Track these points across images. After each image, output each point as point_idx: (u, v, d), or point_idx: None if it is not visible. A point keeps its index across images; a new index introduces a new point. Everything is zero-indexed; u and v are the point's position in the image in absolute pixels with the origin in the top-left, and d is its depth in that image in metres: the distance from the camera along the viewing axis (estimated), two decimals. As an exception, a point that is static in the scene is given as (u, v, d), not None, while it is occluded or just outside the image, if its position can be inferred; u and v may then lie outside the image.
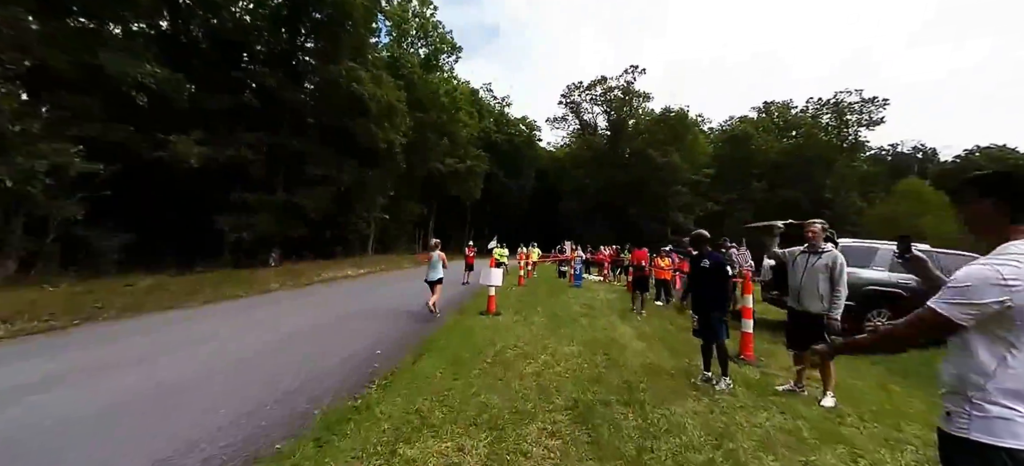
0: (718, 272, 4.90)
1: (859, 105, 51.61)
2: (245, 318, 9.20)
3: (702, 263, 5.02)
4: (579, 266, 15.61)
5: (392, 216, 32.37)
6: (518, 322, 8.48)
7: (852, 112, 52.55)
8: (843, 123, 53.47)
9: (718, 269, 4.91)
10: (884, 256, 8.34)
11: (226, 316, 9.41)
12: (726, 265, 4.94)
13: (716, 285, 4.91)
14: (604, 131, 56.36)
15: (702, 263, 5.02)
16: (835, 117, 54.08)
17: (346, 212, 23.70)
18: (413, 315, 9.61)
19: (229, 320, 8.99)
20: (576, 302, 11.53)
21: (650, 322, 8.98)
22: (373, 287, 15.64)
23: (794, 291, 4.92)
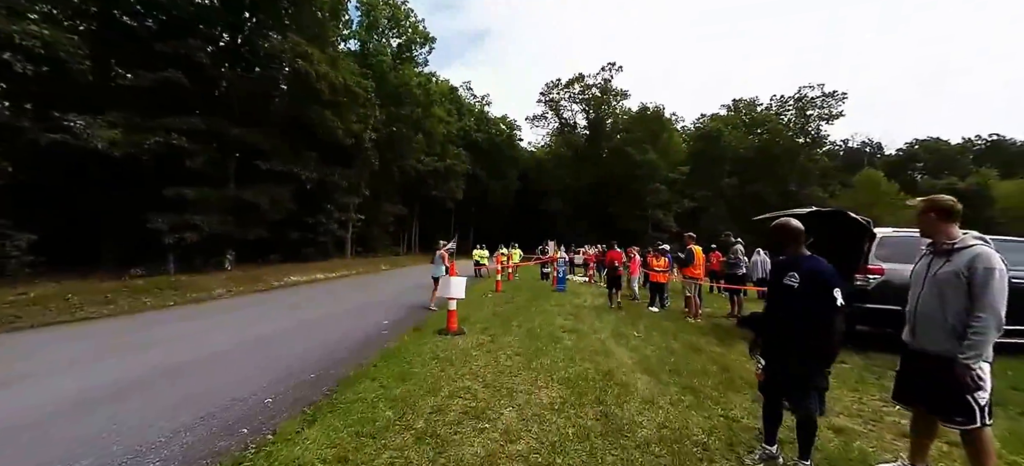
0: (821, 293, 2.62)
1: (821, 99, 50.99)
2: (131, 339, 6.70)
3: (788, 276, 2.74)
4: (562, 268, 13.35)
5: (370, 217, 29.71)
6: (483, 346, 6.15)
7: (813, 106, 52.06)
8: (805, 118, 52.90)
9: (820, 287, 2.62)
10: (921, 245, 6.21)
11: (104, 337, 6.93)
12: (831, 280, 2.63)
13: (814, 315, 2.63)
14: (584, 130, 54.51)
15: (788, 276, 2.74)
16: (797, 113, 53.63)
17: (314, 212, 21.00)
18: (355, 331, 7.36)
19: (105, 341, 6.57)
20: (559, 312, 9.26)
21: (651, 339, 6.74)
22: (335, 293, 13.18)
23: (908, 317, 2.76)
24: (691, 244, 8.58)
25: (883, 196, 51.15)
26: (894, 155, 73.80)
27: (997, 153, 66.53)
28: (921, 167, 70.21)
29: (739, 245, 8.79)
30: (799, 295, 2.64)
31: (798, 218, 5.83)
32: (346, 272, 21.14)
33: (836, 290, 2.55)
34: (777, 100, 55.62)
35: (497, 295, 12.29)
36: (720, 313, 9.61)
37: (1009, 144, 67.96)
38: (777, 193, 51.86)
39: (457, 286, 7.09)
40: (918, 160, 71.85)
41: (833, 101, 50.49)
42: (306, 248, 21.80)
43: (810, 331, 2.60)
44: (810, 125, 52.86)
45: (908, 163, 71.09)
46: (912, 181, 64.00)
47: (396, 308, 10.28)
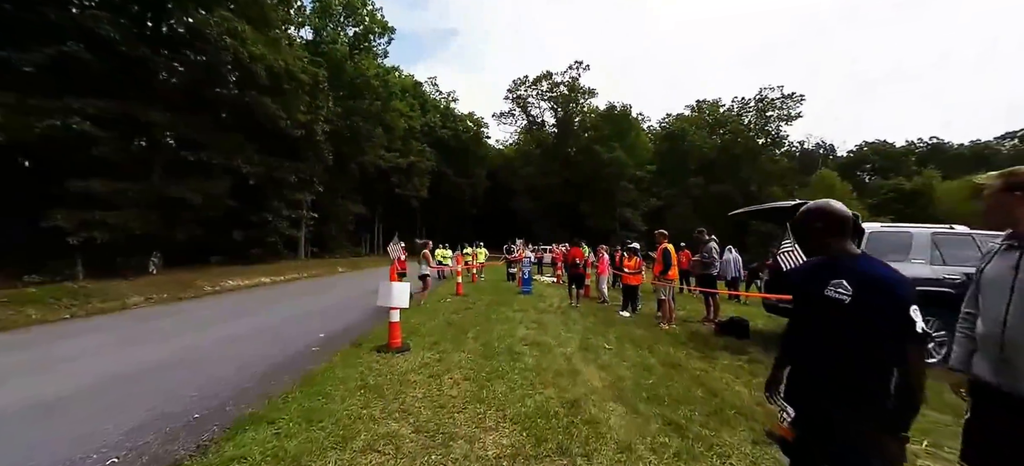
0: (887, 312, 1.67)
1: (780, 100, 52.57)
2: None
3: (832, 286, 1.73)
4: (528, 269, 12.43)
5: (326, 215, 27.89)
6: (428, 367, 5.11)
7: (773, 107, 53.65)
8: (766, 118, 54.46)
9: (886, 302, 1.67)
10: (923, 243, 5.68)
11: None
12: (903, 291, 1.70)
13: (876, 347, 1.70)
14: (552, 128, 54.00)
15: (832, 286, 1.73)
16: (758, 114, 55.17)
17: (260, 209, 19.21)
18: (279, 349, 6.15)
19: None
20: (523, 318, 8.30)
21: (623, 353, 5.89)
22: (276, 300, 11.72)
23: (990, 343, 1.91)
24: (664, 243, 7.83)
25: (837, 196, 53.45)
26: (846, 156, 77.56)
27: (937, 155, 70.95)
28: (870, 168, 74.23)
29: (713, 242, 8.13)
30: (851, 315, 1.71)
31: (784, 211, 5.07)
32: (296, 275, 19.50)
33: (913, 308, 1.66)
34: (739, 101, 57.08)
35: (457, 299, 11.24)
36: (695, 317, 8.93)
37: (948, 147, 72.79)
38: (740, 192, 53.12)
39: (399, 294, 5.99)
40: (867, 161, 75.99)
41: (792, 102, 52.14)
42: (252, 249, 19.95)
43: (871, 372, 1.71)
44: (770, 125, 54.40)
45: (859, 164, 74.99)
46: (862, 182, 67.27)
47: (340, 317, 9.07)
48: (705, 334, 7.27)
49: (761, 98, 53.67)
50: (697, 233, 8.45)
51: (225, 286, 14.46)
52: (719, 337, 7.00)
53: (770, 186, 55.11)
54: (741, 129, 55.77)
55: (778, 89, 52.27)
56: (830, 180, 55.54)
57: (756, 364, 5.41)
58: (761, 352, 6.01)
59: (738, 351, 6.02)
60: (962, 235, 5.71)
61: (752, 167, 55.01)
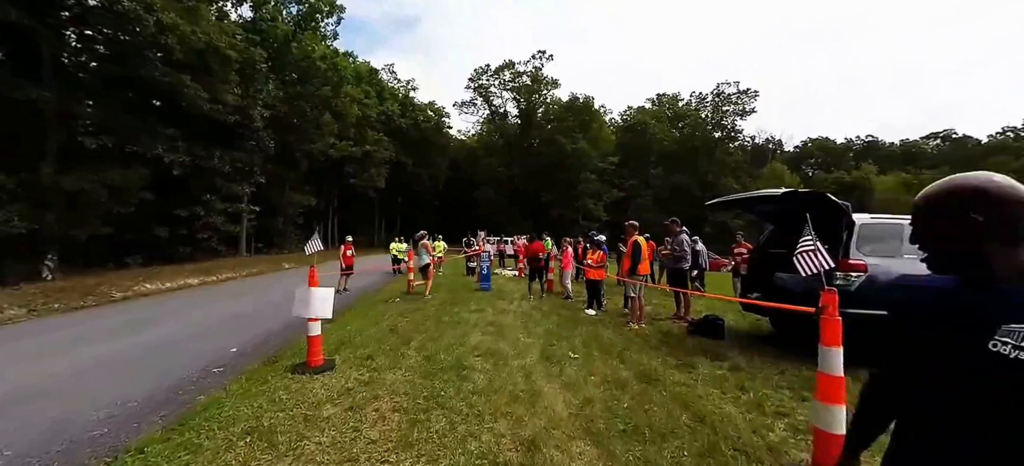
0: None
1: (736, 95, 54.12)
2: None
3: (1007, 337, 0.86)
4: (487, 264, 11.45)
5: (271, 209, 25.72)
6: (351, 394, 4.08)
7: (729, 102, 55.18)
8: (722, 113, 55.95)
9: None
10: None
11: None
12: None
13: None
14: (515, 118, 53.10)
15: (1007, 337, 0.86)
16: (714, 109, 56.62)
17: (186, 202, 17.13)
18: (173, 371, 4.89)
19: None
20: (479, 320, 7.35)
21: (591, 362, 5.05)
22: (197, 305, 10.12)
23: None
24: (634, 235, 7.09)
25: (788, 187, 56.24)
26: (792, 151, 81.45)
27: (872, 152, 75.73)
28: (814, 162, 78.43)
29: (684, 234, 7.48)
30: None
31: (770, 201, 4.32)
32: (233, 274, 17.58)
33: None
34: (696, 96, 58.37)
35: (408, 297, 10.12)
36: (663, 313, 8.29)
37: (882, 144, 77.96)
38: (698, 184, 54.59)
39: (320, 301, 4.87)
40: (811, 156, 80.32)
41: (747, 98, 53.71)
42: (181, 247, 17.82)
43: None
44: (726, 120, 55.90)
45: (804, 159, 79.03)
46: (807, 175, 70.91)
47: (265, 323, 7.78)
48: (677, 334, 6.59)
49: (718, 93, 55.00)
50: (669, 223, 7.77)
51: (140, 291, 12.60)
52: (692, 338, 6.33)
53: (725, 178, 57.01)
54: (700, 122, 57.15)
55: (734, 84, 53.69)
56: (780, 173, 58.33)
57: (739, 373, 4.73)
58: (740, 356, 5.36)
59: (716, 355, 5.34)
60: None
61: (709, 160, 56.53)
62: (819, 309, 2.65)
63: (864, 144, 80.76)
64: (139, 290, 12.69)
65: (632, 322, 7.02)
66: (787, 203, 5.18)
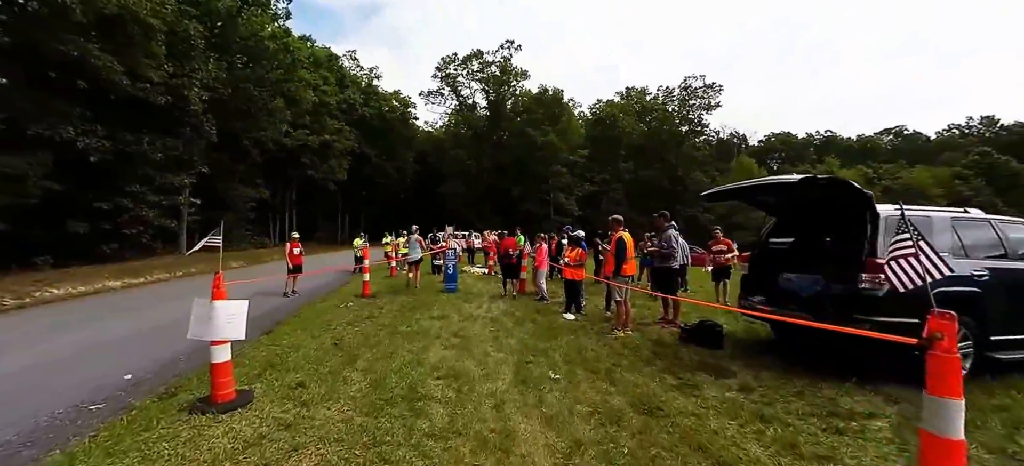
0: None
1: (702, 89, 54.93)
2: None
3: None
4: (452, 262, 10.43)
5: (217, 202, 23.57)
6: (264, 442, 3.06)
7: (696, 96, 56.00)
8: (689, 107, 56.73)
9: None
10: (943, 229, 4.59)
11: None
12: None
13: None
14: (484, 110, 51.82)
15: None
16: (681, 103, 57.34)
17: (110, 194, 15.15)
18: (24, 414, 3.61)
19: None
20: (442, 330, 6.38)
21: (576, 385, 4.19)
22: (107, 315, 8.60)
23: None
24: (619, 231, 6.29)
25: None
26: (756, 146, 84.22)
27: (832, 146, 79.22)
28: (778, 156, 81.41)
29: (673, 230, 6.76)
30: None
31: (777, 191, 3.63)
32: (166, 275, 15.75)
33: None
34: (663, 90, 58.92)
35: (362, 301, 9.00)
36: (649, 317, 7.57)
37: (841, 139, 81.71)
38: (668, 178, 55.27)
39: (227, 318, 3.76)
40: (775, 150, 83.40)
41: (712, 92, 54.59)
42: (106, 245, 15.77)
43: None
44: (693, 114, 56.69)
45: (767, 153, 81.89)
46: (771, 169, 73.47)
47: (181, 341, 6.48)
48: (669, 343, 5.85)
49: (685, 86, 55.64)
50: (656, 218, 7.02)
51: (43, 296, 10.84)
52: (686, 346, 5.61)
53: (693, 171, 57.99)
54: (667, 116, 57.76)
55: (700, 78, 54.43)
56: (749, 166, 59.91)
57: (752, 395, 3.99)
58: (745, 370, 4.66)
59: (719, 371, 4.61)
60: (980, 220, 4.71)
61: (677, 153, 57.27)
62: (926, 340, 1.84)
63: (824, 139, 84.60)
64: (42, 296, 10.91)
65: (618, 329, 6.23)
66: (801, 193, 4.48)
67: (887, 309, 4.05)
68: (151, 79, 13.58)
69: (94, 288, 12.47)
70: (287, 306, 9.04)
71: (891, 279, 2.38)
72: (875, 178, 58.36)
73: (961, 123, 73.41)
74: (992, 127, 68.56)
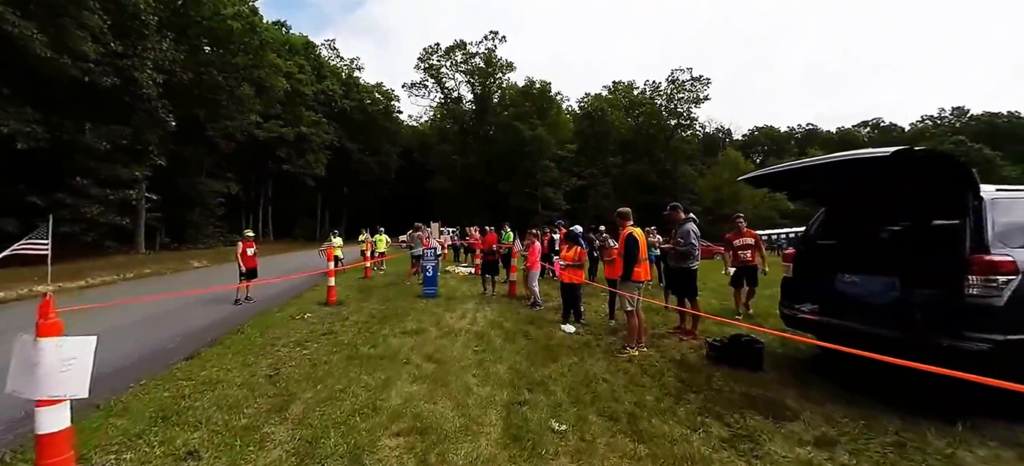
0: None
1: (690, 82, 54.27)
2: None
3: None
4: (433, 263, 9.12)
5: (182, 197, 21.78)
6: None
7: (684, 89, 55.33)
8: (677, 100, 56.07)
9: None
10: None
11: None
12: None
13: None
14: (470, 103, 50.32)
15: None
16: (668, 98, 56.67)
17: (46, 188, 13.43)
18: None
19: None
20: (413, 353, 5.12)
21: (591, 444, 2.97)
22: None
23: None
24: (628, 226, 5.11)
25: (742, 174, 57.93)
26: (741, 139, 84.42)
27: (812, 139, 79.75)
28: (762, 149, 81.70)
29: (691, 224, 5.62)
30: None
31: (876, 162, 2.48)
32: (113, 277, 14.13)
33: None
34: (650, 85, 58.20)
35: (325, 310, 7.68)
36: (660, 326, 6.41)
37: (821, 132, 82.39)
38: (656, 172, 54.70)
39: (60, 367, 2.45)
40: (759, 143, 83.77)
41: (700, 85, 53.97)
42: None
43: None
44: (681, 107, 56.05)
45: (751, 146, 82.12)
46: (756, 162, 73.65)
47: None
48: (695, 363, 4.70)
49: (672, 80, 54.93)
50: (670, 210, 5.85)
51: None
52: (716, 367, 4.46)
53: (681, 165, 57.52)
54: (655, 110, 57.08)
55: (688, 71, 53.74)
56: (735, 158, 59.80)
57: (832, 451, 2.84)
58: (805, 404, 3.54)
59: (776, 411, 3.46)
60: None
61: (666, 147, 56.68)
62: None
63: (805, 132, 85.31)
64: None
65: (630, 345, 5.05)
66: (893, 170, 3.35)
67: (1004, 322, 2.96)
68: (86, 54, 11.79)
69: (16, 294, 10.86)
70: (234, 317, 7.66)
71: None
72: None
73: (933, 114, 74.89)
74: (962, 117, 70.25)
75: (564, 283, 6.74)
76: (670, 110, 56.85)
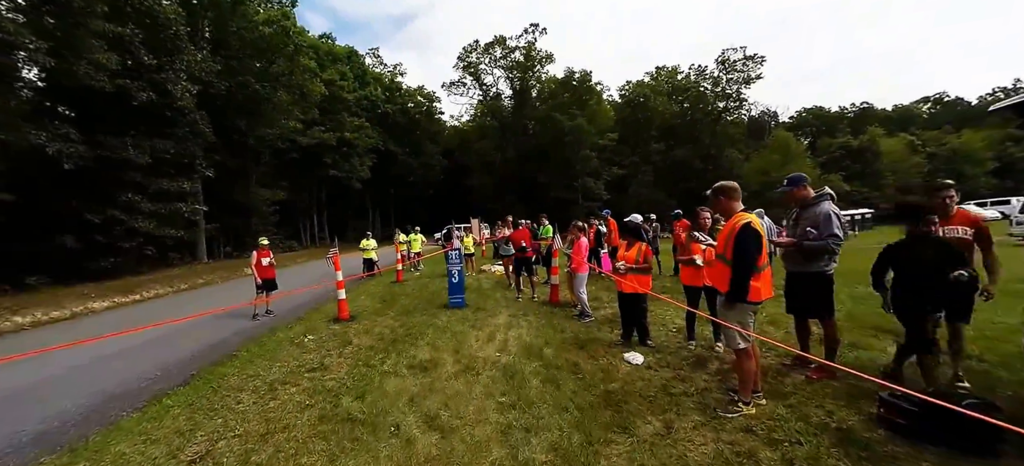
0: None
1: (742, 62, 49.21)
2: None
3: None
4: (458, 266, 7.41)
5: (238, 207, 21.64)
6: None
7: (734, 70, 50.33)
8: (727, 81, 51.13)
9: None
10: None
11: None
12: None
13: None
14: (508, 99, 48.49)
15: None
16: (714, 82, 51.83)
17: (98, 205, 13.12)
18: None
19: None
20: (412, 405, 3.42)
21: None
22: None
23: None
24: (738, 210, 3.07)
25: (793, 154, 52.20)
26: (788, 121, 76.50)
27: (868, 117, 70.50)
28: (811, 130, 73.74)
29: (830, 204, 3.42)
30: None
31: None
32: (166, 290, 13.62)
33: None
34: (695, 69, 53.56)
35: (330, 331, 6.18)
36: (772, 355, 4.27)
37: (877, 110, 72.86)
38: (700, 157, 50.58)
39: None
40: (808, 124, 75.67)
41: (753, 63, 48.86)
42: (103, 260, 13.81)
43: None
44: (730, 88, 51.15)
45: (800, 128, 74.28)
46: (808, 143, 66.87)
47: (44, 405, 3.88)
48: (859, 431, 2.65)
49: (723, 59, 50.13)
50: (796, 188, 3.70)
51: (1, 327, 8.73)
52: (901, 445, 2.40)
53: (727, 149, 52.71)
54: (700, 94, 52.60)
55: (740, 50, 48.75)
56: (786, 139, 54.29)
57: None
58: None
59: None
60: None
61: (711, 131, 52.19)
62: None
63: (859, 110, 75.85)
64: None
65: (743, 399, 3.06)
66: None
67: None
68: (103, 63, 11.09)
69: (71, 312, 10.39)
70: (240, 336, 6.39)
71: None
72: (920, 145, 51.63)
73: (1007, 85, 63.84)
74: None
75: (624, 294, 4.77)
76: (717, 93, 52.10)
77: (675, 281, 9.23)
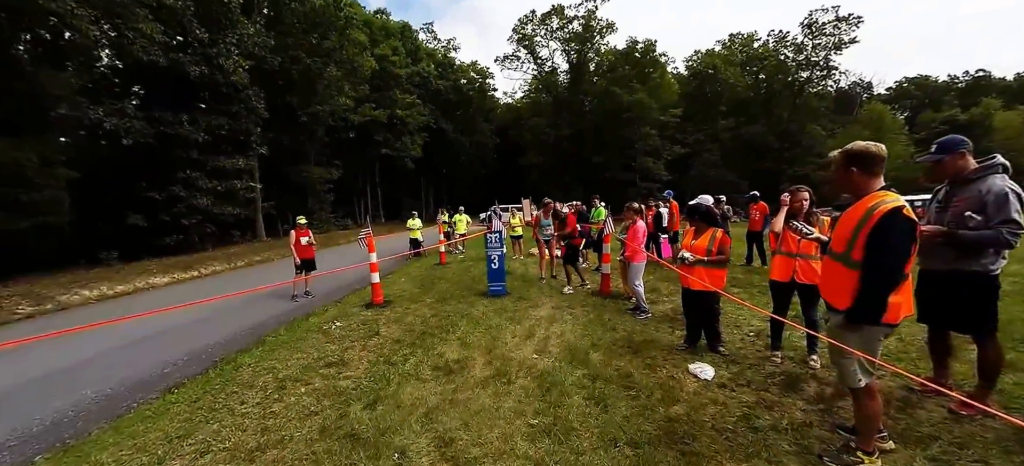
0: None
1: (833, 24, 43.41)
2: None
3: None
4: (498, 253, 6.87)
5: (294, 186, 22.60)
6: None
7: (823, 34, 44.55)
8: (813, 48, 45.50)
9: None
10: None
11: None
12: None
13: None
14: (565, 74, 46.72)
15: None
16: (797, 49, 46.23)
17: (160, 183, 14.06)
18: None
19: None
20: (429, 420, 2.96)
21: None
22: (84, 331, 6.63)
23: None
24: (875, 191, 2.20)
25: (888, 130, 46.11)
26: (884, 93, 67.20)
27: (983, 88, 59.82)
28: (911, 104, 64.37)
29: (1001, 179, 2.46)
30: None
31: None
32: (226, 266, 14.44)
33: None
34: (775, 35, 48.08)
35: (362, 317, 5.92)
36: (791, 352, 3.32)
37: (994, 80, 61.62)
38: (775, 134, 45.97)
39: None
40: (908, 97, 66.05)
41: (846, 25, 42.97)
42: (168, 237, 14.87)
43: None
44: (817, 55, 45.45)
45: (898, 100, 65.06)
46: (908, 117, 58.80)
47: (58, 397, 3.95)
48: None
49: (810, 22, 44.57)
50: (943, 151, 2.71)
51: (68, 301, 9.59)
52: None
53: (809, 125, 47.36)
54: (779, 64, 47.37)
55: (833, 10, 42.93)
56: (881, 112, 48.17)
57: None
58: None
59: None
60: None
61: (791, 105, 47.06)
62: None
63: (972, 79, 64.56)
64: (68, 300, 9.67)
65: (862, 445, 2.25)
66: None
67: None
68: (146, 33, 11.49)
69: (133, 287, 11.23)
70: (276, 320, 6.35)
71: None
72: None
73: None
74: None
75: (690, 291, 3.97)
76: (800, 61, 46.55)
77: (747, 271, 8.10)
